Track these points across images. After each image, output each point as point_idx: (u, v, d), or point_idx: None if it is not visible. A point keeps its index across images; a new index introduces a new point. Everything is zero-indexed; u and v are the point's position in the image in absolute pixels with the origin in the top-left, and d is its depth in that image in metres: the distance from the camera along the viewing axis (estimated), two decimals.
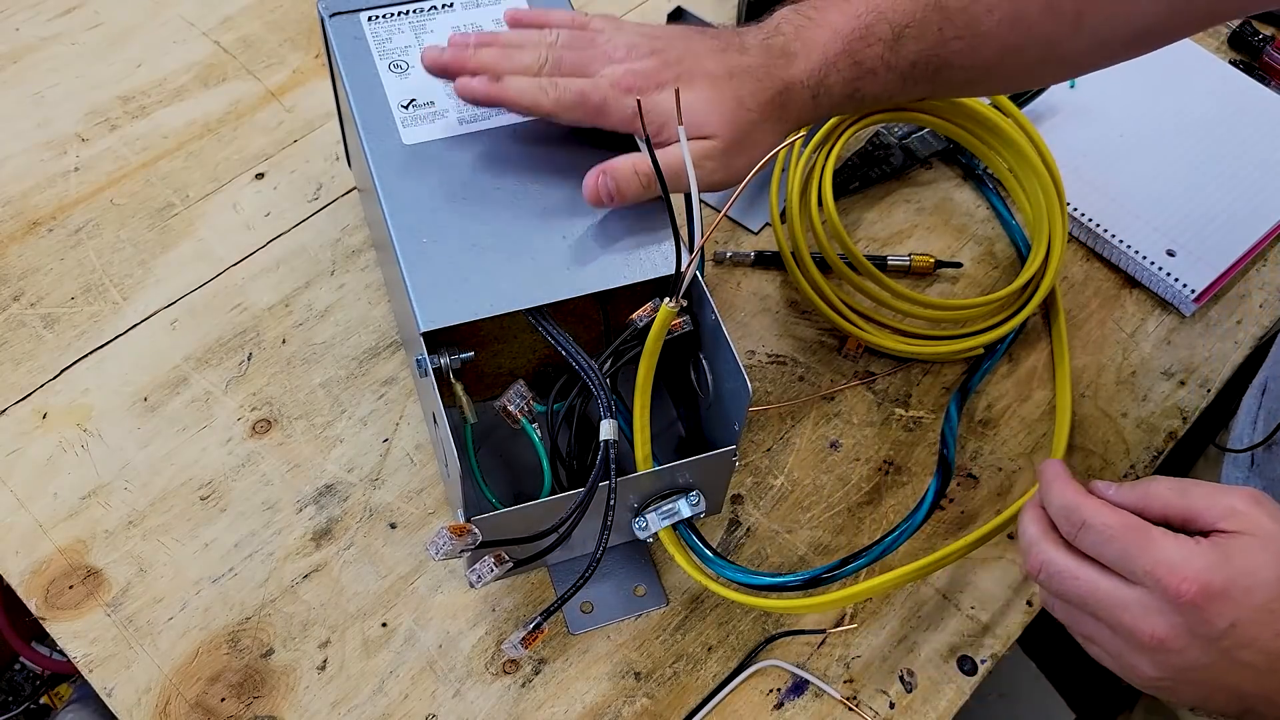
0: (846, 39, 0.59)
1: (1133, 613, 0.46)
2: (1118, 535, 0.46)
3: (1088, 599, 0.47)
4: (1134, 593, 0.46)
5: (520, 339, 0.64)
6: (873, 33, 0.59)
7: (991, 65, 0.62)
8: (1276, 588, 0.44)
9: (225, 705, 0.59)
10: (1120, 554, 0.46)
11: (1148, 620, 0.45)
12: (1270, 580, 0.44)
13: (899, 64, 0.60)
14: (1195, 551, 0.45)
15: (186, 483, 0.67)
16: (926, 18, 0.59)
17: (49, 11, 0.90)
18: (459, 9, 0.68)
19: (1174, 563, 0.45)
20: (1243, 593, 0.44)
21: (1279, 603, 0.44)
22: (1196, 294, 0.79)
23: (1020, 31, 0.60)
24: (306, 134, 0.84)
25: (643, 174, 0.57)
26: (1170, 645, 0.45)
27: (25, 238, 0.77)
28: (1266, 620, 0.44)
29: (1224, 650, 0.45)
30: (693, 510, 0.60)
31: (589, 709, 0.61)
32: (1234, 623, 0.44)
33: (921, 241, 0.82)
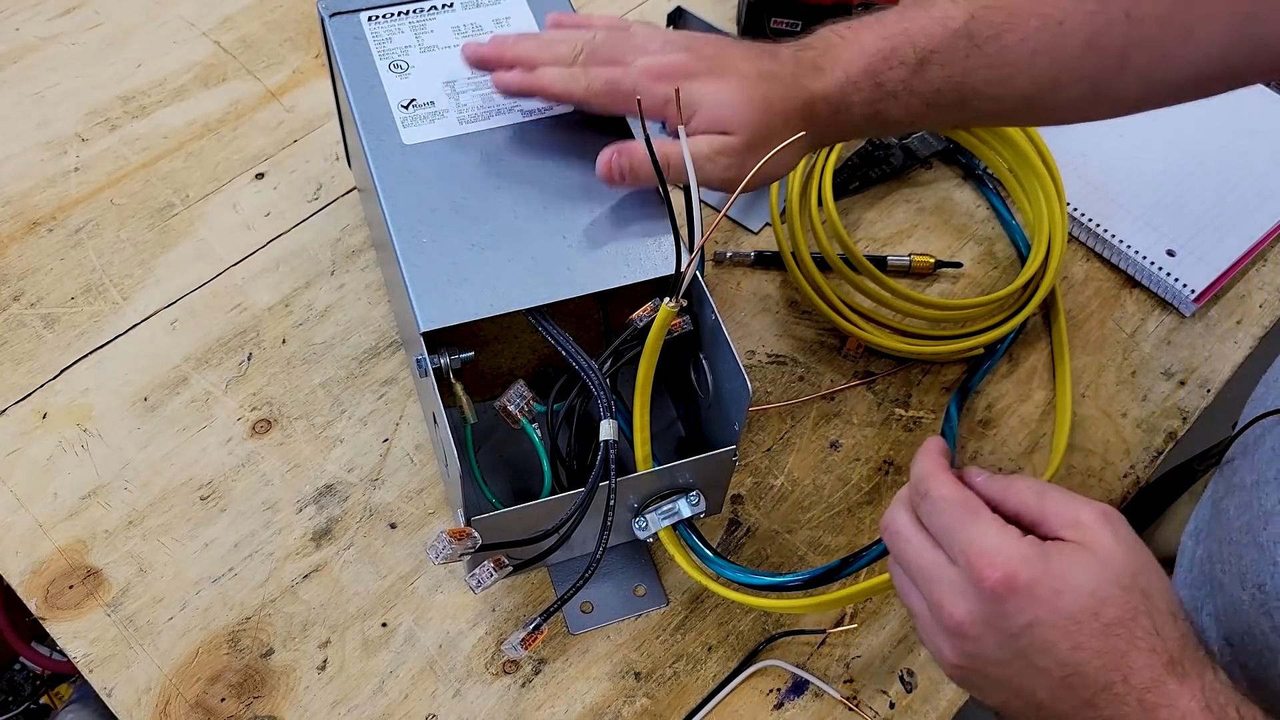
0: (870, 59, 0.59)
1: (943, 590, 0.45)
2: (947, 509, 0.46)
3: (912, 566, 0.47)
4: (950, 571, 0.45)
5: (520, 339, 0.64)
6: (896, 55, 0.58)
7: (1027, 98, 0.60)
8: (1088, 601, 0.42)
9: (225, 705, 0.59)
10: (944, 527, 0.45)
11: (953, 600, 0.44)
12: (1083, 591, 0.43)
13: (922, 89, 0.59)
14: (1013, 543, 0.44)
15: (186, 483, 0.67)
16: (954, 44, 0.58)
17: (49, 11, 0.90)
18: (459, 9, 0.68)
19: (987, 548, 0.44)
20: (1050, 594, 0.43)
21: (1086, 616, 0.42)
22: (1196, 294, 0.79)
23: (1058, 66, 0.58)
24: (306, 134, 0.84)
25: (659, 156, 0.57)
26: (968, 631, 0.44)
27: (25, 238, 0.77)
28: (1067, 629, 0.42)
29: (1019, 650, 0.43)
30: (693, 510, 0.60)
31: (589, 709, 0.61)
32: (1032, 623, 0.43)
33: (921, 241, 0.82)
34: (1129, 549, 0.44)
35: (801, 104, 0.59)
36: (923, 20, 0.59)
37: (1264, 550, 0.52)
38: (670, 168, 0.56)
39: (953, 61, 0.58)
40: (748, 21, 0.89)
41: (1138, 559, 0.44)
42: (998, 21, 0.58)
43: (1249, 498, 0.55)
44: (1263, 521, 0.53)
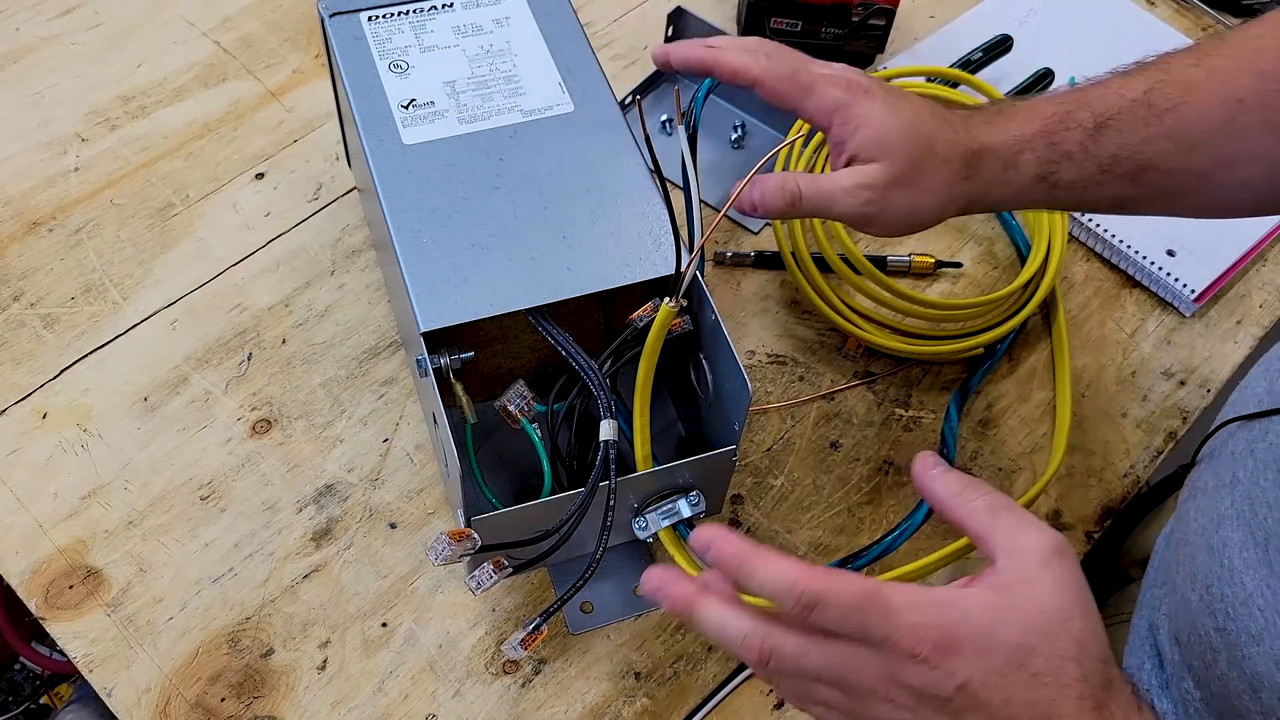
0: (1046, 119, 0.57)
1: (867, 676, 0.43)
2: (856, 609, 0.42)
3: (822, 669, 0.43)
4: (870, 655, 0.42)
5: (520, 339, 0.64)
6: (1073, 117, 0.57)
7: (1202, 174, 0.58)
8: (1015, 653, 0.41)
9: (225, 705, 0.59)
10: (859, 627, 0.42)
11: (879, 680, 0.42)
12: (1009, 644, 0.41)
13: (1098, 153, 0.57)
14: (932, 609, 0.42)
15: (186, 483, 0.67)
16: (1133, 112, 0.57)
17: (49, 11, 0.90)
18: (459, 9, 0.68)
19: (910, 623, 0.42)
20: (978, 652, 0.41)
21: (1013, 668, 0.41)
22: (1196, 294, 0.79)
23: (1235, 143, 0.56)
24: (306, 134, 0.84)
25: (789, 191, 0.56)
26: (904, 704, 0.42)
27: (25, 238, 0.77)
28: (996, 684, 0.41)
29: (954, 712, 0.42)
30: (693, 510, 0.60)
31: (589, 709, 0.61)
32: (964, 684, 0.41)
33: (921, 241, 0.82)
34: (1061, 592, 0.43)
35: (967, 153, 0.57)
36: (1099, 90, 0.58)
37: (1214, 552, 0.52)
38: (802, 200, 0.56)
39: (1131, 129, 0.57)
40: (748, 22, 0.89)
41: (1068, 603, 0.42)
42: (1176, 95, 0.56)
43: (1207, 502, 0.55)
44: (1215, 524, 0.53)
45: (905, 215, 0.57)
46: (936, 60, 0.90)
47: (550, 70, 0.66)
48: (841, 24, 0.88)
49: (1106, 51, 0.93)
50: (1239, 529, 0.51)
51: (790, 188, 0.56)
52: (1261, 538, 0.49)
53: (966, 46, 0.89)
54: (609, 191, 0.61)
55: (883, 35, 0.89)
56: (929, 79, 0.83)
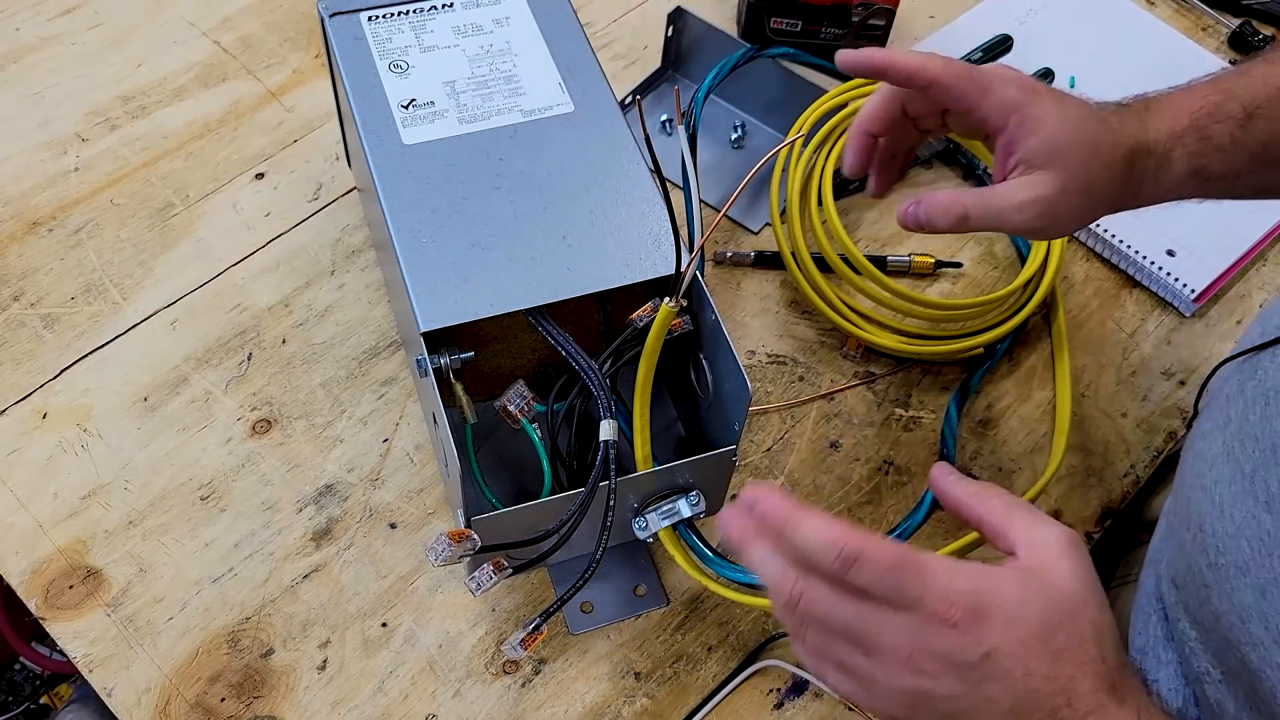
0: (1194, 113, 0.57)
1: (894, 636, 0.44)
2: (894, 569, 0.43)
3: (851, 625, 0.44)
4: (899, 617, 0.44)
5: (520, 339, 0.64)
6: (1221, 110, 0.57)
7: None
8: (1040, 627, 0.43)
9: (225, 705, 0.59)
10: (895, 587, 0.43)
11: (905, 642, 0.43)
12: (1035, 618, 0.43)
13: (1248, 143, 0.57)
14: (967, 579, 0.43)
15: (186, 483, 0.67)
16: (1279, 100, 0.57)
17: (49, 11, 0.90)
18: (459, 9, 0.68)
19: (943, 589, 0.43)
20: (1005, 623, 0.43)
21: (1038, 642, 0.43)
22: (1196, 294, 0.79)
23: None
24: (306, 134, 0.84)
25: (955, 213, 0.56)
26: (926, 669, 0.43)
27: (25, 238, 0.77)
28: (1020, 655, 0.43)
29: (976, 681, 0.43)
30: (693, 510, 0.60)
31: (589, 709, 0.61)
32: (990, 652, 0.43)
33: (921, 241, 0.82)
34: (1079, 580, 0.44)
35: (1127, 151, 0.57)
36: (1243, 80, 0.58)
37: (1206, 492, 0.54)
38: (969, 221, 0.56)
39: None
40: (748, 22, 0.89)
41: (1086, 590, 0.44)
42: None
43: (1203, 445, 0.56)
44: (1208, 464, 0.54)
45: (1070, 223, 0.57)
46: None
47: (550, 70, 0.66)
48: (841, 24, 0.88)
49: (1106, 51, 0.94)
50: (1229, 465, 0.52)
51: (957, 210, 0.56)
52: (1249, 470, 0.50)
53: (966, 46, 0.89)
54: (609, 191, 0.61)
55: (883, 35, 0.89)
56: None
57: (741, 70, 0.81)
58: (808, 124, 0.79)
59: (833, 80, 0.87)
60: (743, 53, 0.81)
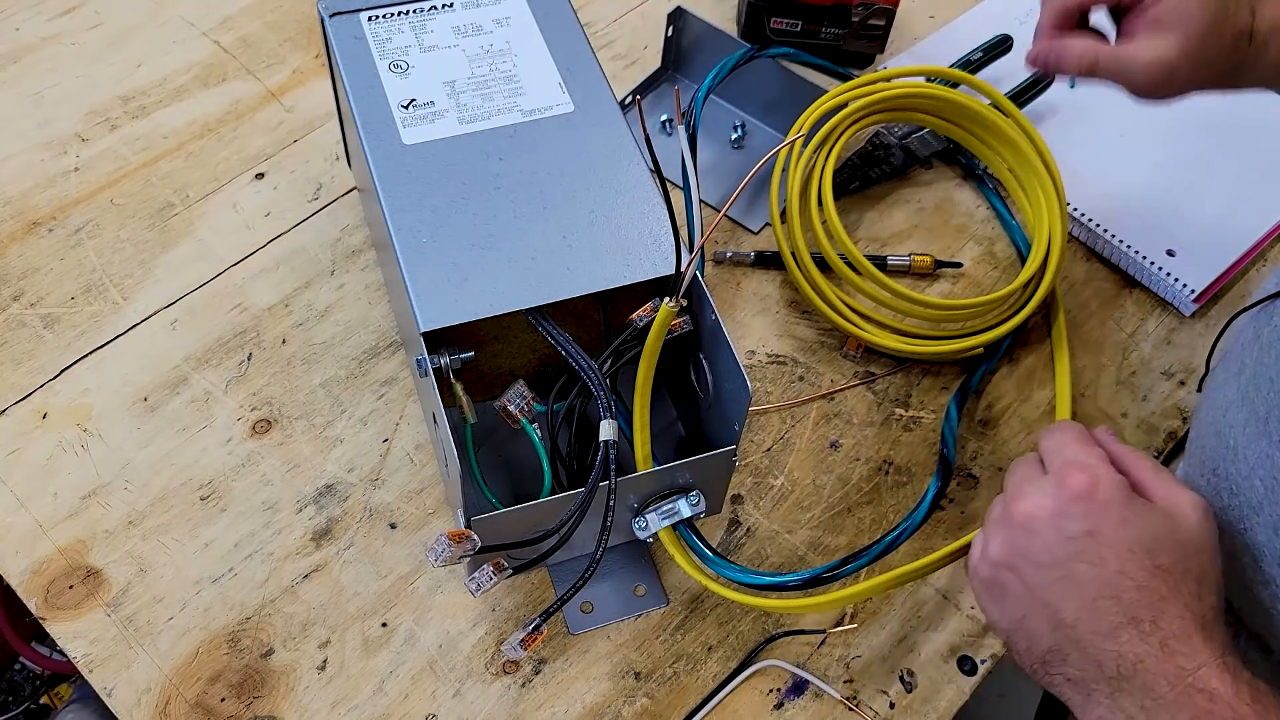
0: None
1: (1024, 487, 0.49)
2: (1065, 433, 0.51)
3: (1010, 475, 0.51)
4: (1041, 477, 0.49)
5: (520, 339, 0.64)
6: None
7: None
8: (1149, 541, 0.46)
9: (225, 705, 0.59)
10: (1056, 445, 0.50)
11: (1030, 495, 0.49)
12: (1148, 532, 0.46)
13: None
14: (1108, 469, 0.48)
15: (186, 483, 0.67)
16: None
17: (49, 11, 0.90)
18: (459, 9, 0.68)
19: (1082, 462, 0.48)
20: (1118, 518, 0.46)
21: (1141, 550, 0.46)
22: (1196, 294, 0.79)
23: None
24: (306, 134, 0.84)
25: (1088, 59, 0.61)
26: (1031, 524, 0.48)
27: (25, 238, 0.77)
28: (1120, 552, 0.46)
29: (1069, 555, 0.47)
30: (693, 510, 0.60)
31: (589, 709, 0.61)
32: (1092, 531, 0.46)
33: (921, 241, 0.82)
34: (1203, 532, 0.48)
35: (1236, 33, 0.59)
36: None
37: (1221, 437, 0.55)
38: (1099, 67, 0.60)
39: None
40: (748, 22, 0.89)
41: (1205, 540, 0.47)
42: None
43: (1217, 393, 0.58)
44: (1222, 411, 0.56)
45: (1183, 87, 0.60)
46: (936, 60, 0.90)
47: (550, 70, 0.66)
48: (841, 24, 0.88)
49: None
50: (1243, 410, 0.54)
51: (1090, 57, 0.61)
52: (1263, 412, 0.52)
53: (966, 46, 0.89)
54: (609, 191, 0.61)
55: (883, 35, 0.89)
56: (929, 79, 0.83)
57: (741, 70, 0.81)
58: (808, 124, 0.79)
59: (833, 80, 0.87)
60: (743, 53, 0.81)
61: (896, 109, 0.82)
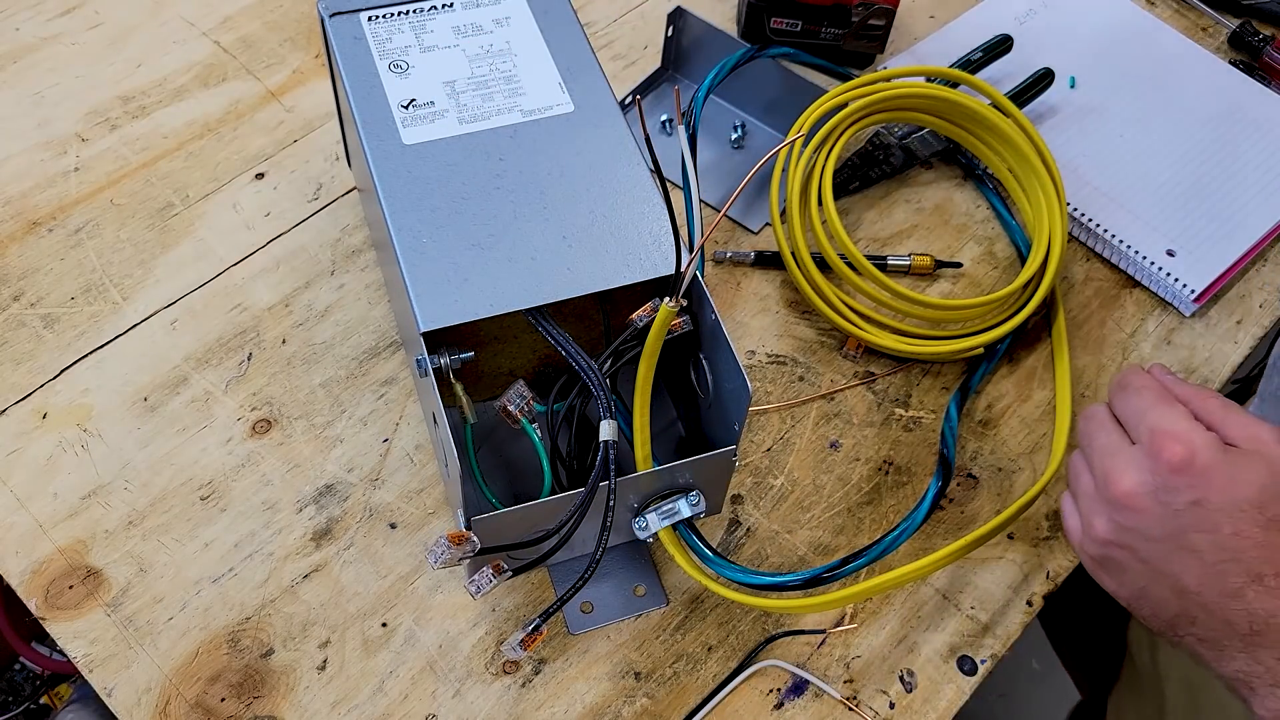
0: None
1: (1118, 461, 0.48)
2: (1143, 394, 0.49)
3: (1095, 444, 0.50)
4: (1130, 448, 0.48)
5: (520, 339, 0.64)
6: None
7: None
8: (1258, 494, 0.45)
9: (225, 705, 0.59)
10: (1136, 410, 0.49)
11: (1126, 471, 0.48)
12: (1255, 485, 0.45)
13: None
14: (1198, 430, 0.47)
15: (186, 483, 0.67)
16: None
17: (49, 11, 0.90)
18: (459, 9, 0.68)
19: (1172, 428, 0.47)
20: (1222, 479, 0.46)
21: (1252, 507, 0.45)
22: (1196, 294, 0.79)
23: None
24: (306, 134, 0.84)
25: None
26: (1134, 502, 0.47)
27: (25, 238, 0.77)
28: (1232, 514, 0.45)
29: (1180, 527, 0.46)
30: (693, 510, 0.60)
31: (589, 709, 0.61)
32: (1199, 500, 0.45)
33: (921, 241, 0.82)
34: None
35: None
36: None
37: None
38: None
39: None
40: (747, 22, 0.89)
41: None
42: None
43: None
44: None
45: None
46: (936, 60, 0.90)
47: (550, 70, 0.66)
48: (841, 24, 0.88)
49: (1106, 51, 0.94)
50: None
51: None
52: None
53: (966, 46, 0.89)
54: (609, 191, 0.61)
55: (883, 35, 0.89)
56: (929, 79, 0.83)
57: (741, 70, 0.81)
58: (808, 124, 0.79)
59: (833, 80, 0.87)
60: (743, 53, 0.81)
61: (896, 109, 0.82)
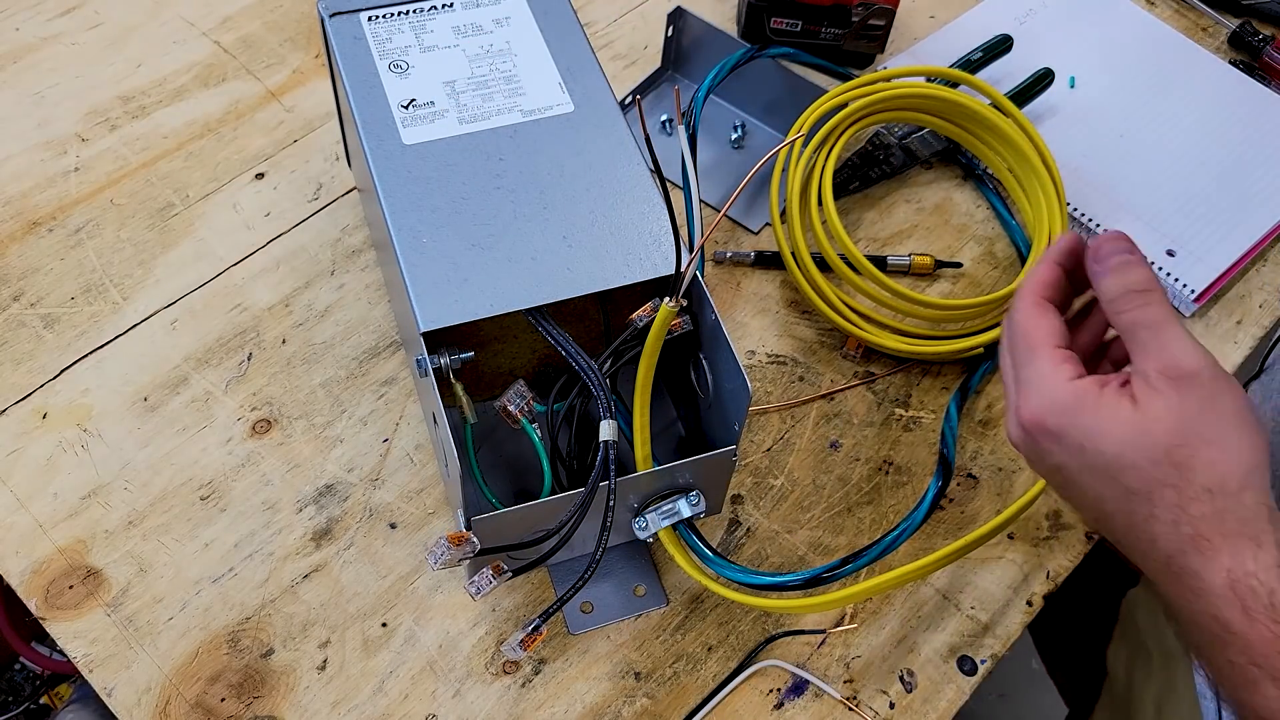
0: None
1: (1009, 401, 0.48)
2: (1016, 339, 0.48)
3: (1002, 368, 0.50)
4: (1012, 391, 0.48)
5: (520, 339, 0.64)
6: None
7: None
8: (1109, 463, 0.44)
9: (225, 705, 0.59)
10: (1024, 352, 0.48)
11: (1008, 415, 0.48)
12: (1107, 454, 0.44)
13: None
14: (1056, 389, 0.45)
15: (186, 483, 0.67)
16: None
17: (49, 11, 0.90)
18: (459, 9, 0.68)
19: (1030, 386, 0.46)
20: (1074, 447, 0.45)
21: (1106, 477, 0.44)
22: (1196, 294, 0.79)
23: None
24: (306, 134, 0.84)
25: None
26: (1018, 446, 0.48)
27: (25, 238, 0.77)
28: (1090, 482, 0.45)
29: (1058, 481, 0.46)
30: (693, 510, 0.60)
31: (589, 709, 0.61)
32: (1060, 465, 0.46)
33: (921, 241, 0.82)
34: (1182, 418, 0.43)
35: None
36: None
37: None
38: None
39: None
40: (747, 22, 0.89)
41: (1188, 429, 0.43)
42: None
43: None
44: None
45: None
46: (936, 60, 0.90)
47: (550, 70, 0.66)
48: (841, 24, 0.88)
49: (1106, 52, 0.94)
50: None
51: None
52: None
53: (966, 46, 0.89)
54: (609, 191, 0.61)
55: (883, 35, 0.89)
56: (929, 79, 0.83)
57: (741, 70, 0.81)
58: (808, 124, 0.79)
59: (833, 80, 0.87)
60: (743, 53, 0.81)
61: (896, 109, 0.82)
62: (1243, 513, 0.42)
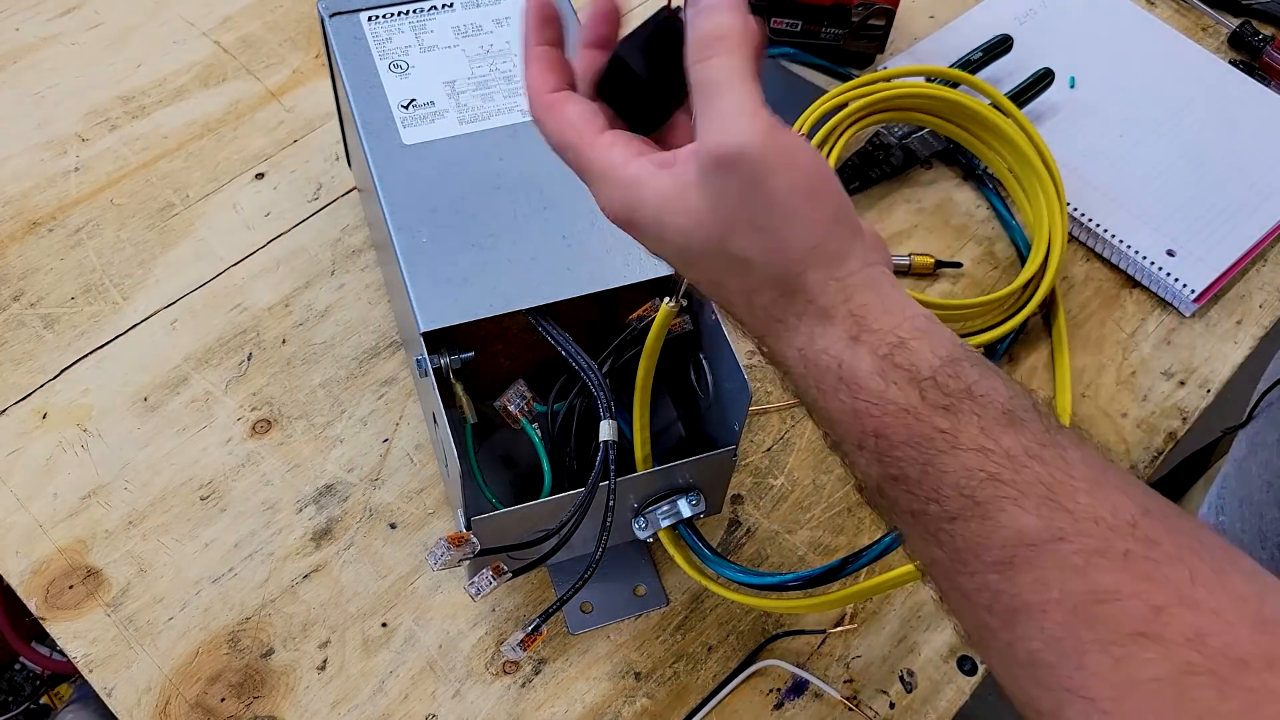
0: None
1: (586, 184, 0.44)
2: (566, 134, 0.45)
3: None
4: None
5: (520, 339, 0.64)
6: None
7: None
8: (680, 252, 0.41)
9: (225, 705, 0.59)
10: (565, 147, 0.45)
11: None
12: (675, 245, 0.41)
13: None
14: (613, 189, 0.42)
15: (186, 483, 0.67)
16: None
17: (49, 11, 0.90)
18: (459, 9, 0.68)
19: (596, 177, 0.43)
20: (653, 239, 0.42)
21: (684, 264, 0.42)
22: (1196, 294, 0.79)
23: None
24: (306, 134, 0.84)
25: None
26: None
27: (25, 238, 0.77)
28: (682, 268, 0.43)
29: None
30: (693, 510, 0.60)
31: (589, 709, 0.61)
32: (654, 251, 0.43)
33: (921, 241, 0.82)
34: (729, 208, 0.39)
35: None
36: None
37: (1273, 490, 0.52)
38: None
39: None
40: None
41: (736, 220, 0.39)
42: None
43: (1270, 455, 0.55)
44: None
45: None
46: (936, 60, 0.90)
47: None
48: (841, 24, 0.88)
49: (1106, 52, 0.94)
50: None
51: None
52: None
53: (966, 46, 0.89)
54: None
55: (883, 35, 0.89)
56: (929, 79, 0.83)
57: None
58: (808, 124, 0.79)
59: (833, 80, 0.87)
60: None
61: (896, 109, 0.82)
62: (808, 293, 0.40)
